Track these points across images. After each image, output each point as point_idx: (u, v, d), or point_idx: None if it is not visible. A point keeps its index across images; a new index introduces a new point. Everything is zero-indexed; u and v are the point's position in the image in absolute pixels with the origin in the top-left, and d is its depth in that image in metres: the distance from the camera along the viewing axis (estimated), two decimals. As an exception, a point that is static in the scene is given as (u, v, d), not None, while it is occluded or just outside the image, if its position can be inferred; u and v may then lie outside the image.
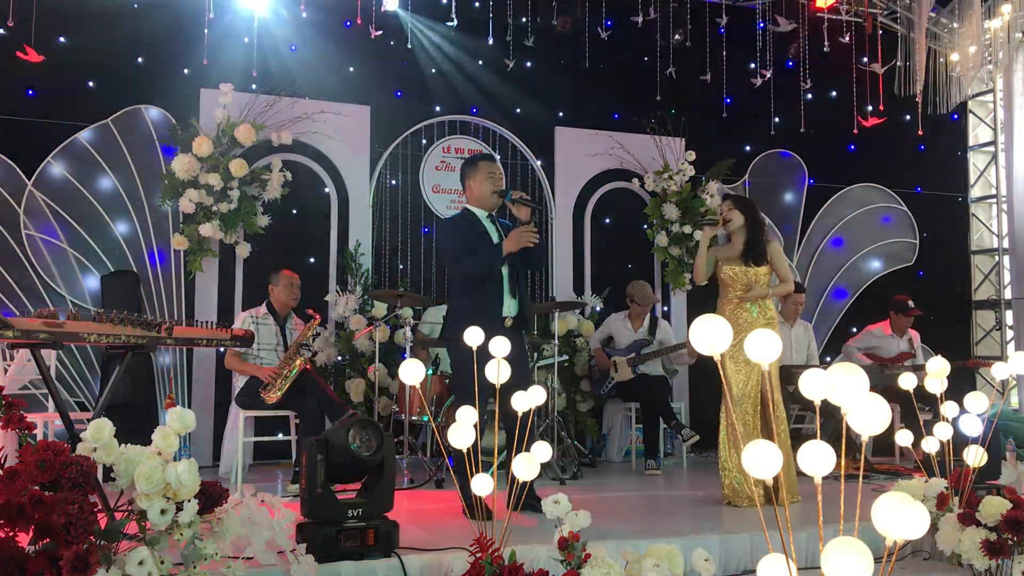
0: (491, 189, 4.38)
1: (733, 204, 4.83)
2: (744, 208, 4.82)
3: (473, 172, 4.41)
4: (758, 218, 4.84)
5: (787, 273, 4.83)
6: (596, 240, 7.50)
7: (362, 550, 3.11)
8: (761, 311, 4.72)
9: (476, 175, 4.39)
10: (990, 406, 3.47)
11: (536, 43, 7.11)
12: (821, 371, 1.77)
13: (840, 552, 1.60)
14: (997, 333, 8.72)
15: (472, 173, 4.41)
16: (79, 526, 2.23)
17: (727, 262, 4.80)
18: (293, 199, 6.52)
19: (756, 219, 4.81)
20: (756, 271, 4.72)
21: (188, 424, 2.64)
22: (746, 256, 4.74)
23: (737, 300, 4.73)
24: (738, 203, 4.84)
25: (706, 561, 2.85)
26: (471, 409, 2.89)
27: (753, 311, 4.71)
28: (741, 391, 4.65)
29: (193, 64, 6.37)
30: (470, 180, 4.41)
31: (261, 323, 5.48)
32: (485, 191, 4.38)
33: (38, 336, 3.14)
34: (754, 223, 4.79)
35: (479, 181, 4.38)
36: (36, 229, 6.01)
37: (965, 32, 7.90)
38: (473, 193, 4.42)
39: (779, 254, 4.83)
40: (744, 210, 4.81)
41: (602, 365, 6.56)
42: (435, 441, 6.16)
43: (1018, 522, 3.19)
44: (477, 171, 4.40)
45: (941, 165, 8.82)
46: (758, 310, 4.72)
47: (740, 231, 4.81)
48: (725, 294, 4.83)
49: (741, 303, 4.73)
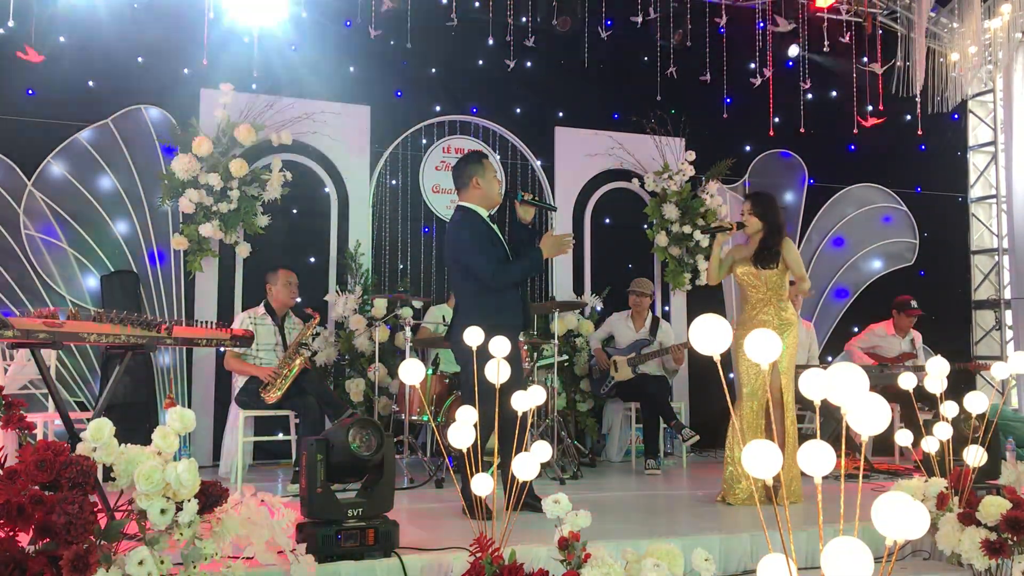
0: (498, 189, 4.36)
1: (752, 208, 4.79)
2: (762, 213, 4.75)
3: (481, 170, 4.28)
4: (776, 222, 4.76)
5: (802, 272, 4.78)
6: (596, 240, 7.50)
7: (362, 550, 3.11)
8: (776, 312, 4.69)
9: (485, 173, 4.28)
10: (990, 406, 3.47)
11: (536, 43, 7.11)
12: (821, 371, 1.77)
13: (840, 552, 1.60)
14: (997, 333, 8.71)
15: (480, 171, 4.28)
16: (79, 526, 2.23)
17: (741, 263, 4.80)
18: (293, 199, 6.52)
19: (774, 223, 4.75)
20: (766, 274, 4.71)
21: (188, 424, 2.64)
22: (755, 259, 4.72)
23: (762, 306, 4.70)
24: (757, 207, 4.78)
25: (706, 561, 2.85)
26: (471, 409, 2.89)
27: (768, 312, 4.70)
28: (751, 389, 4.65)
29: (193, 64, 6.36)
30: (478, 177, 4.26)
31: (259, 323, 5.48)
32: (493, 191, 4.32)
33: (38, 336, 3.14)
34: (771, 227, 4.73)
35: (489, 180, 4.29)
36: (36, 229, 6.01)
37: (965, 32, 7.90)
38: (480, 191, 4.28)
39: (792, 252, 4.75)
40: (762, 215, 4.75)
41: (602, 364, 6.56)
42: (435, 441, 6.16)
43: (1018, 522, 3.19)
44: (485, 170, 4.29)
45: (941, 165, 8.81)
46: (773, 311, 4.69)
47: (757, 235, 4.79)
48: (743, 295, 4.84)
49: (757, 304, 4.72)
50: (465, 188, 4.32)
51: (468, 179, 4.29)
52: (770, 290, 4.70)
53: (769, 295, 4.71)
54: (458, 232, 4.28)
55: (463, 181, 4.32)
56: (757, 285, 4.72)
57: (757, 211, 4.76)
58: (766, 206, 4.78)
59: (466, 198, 4.32)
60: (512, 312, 4.20)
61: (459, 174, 4.34)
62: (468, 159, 4.37)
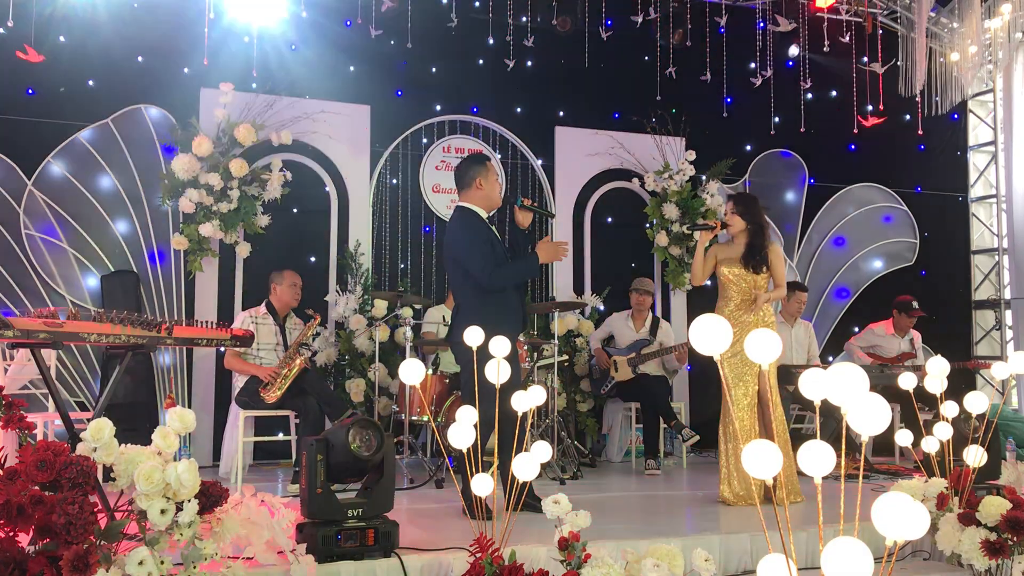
0: (499, 191, 4.40)
1: (734, 208, 4.79)
2: (744, 212, 4.76)
3: (484, 172, 4.30)
4: (760, 221, 4.77)
5: (783, 278, 4.80)
6: (596, 240, 7.50)
7: (362, 550, 3.11)
8: (757, 315, 4.71)
9: (488, 175, 4.31)
10: (990, 406, 3.47)
11: (536, 43, 7.11)
12: (821, 371, 1.77)
13: (840, 552, 1.60)
14: (997, 333, 8.71)
15: (484, 172, 4.30)
16: (79, 526, 2.23)
17: (727, 263, 4.79)
18: (293, 199, 6.52)
19: (758, 223, 4.76)
20: (755, 278, 4.71)
21: (188, 424, 2.64)
22: (746, 261, 4.73)
23: (745, 307, 4.72)
24: (739, 206, 4.79)
25: (706, 561, 2.85)
26: (471, 409, 2.89)
27: (748, 315, 4.70)
28: (736, 388, 4.65)
29: (193, 64, 6.36)
30: (481, 178, 4.28)
31: (261, 323, 5.48)
32: (495, 193, 4.35)
33: (38, 336, 3.14)
34: (756, 227, 4.75)
35: (492, 182, 4.32)
36: (36, 229, 6.01)
37: (965, 32, 7.90)
38: (482, 192, 4.30)
39: (778, 258, 4.79)
40: (744, 214, 4.76)
41: (603, 363, 6.55)
42: (435, 441, 6.16)
43: (1018, 522, 3.19)
44: (488, 171, 4.32)
45: (941, 165, 8.81)
46: (753, 314, 4.71)
47: (741, 234, 4.79)
48: (724, 294, 4.82)
49: (740, 304, 4.73)
50: (467, 188, 4.32)
51: (471, 180, 4.30)
52: (755, 292, 4.71)
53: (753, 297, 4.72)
54: (456, 233, 4.30)
55: (466, 181, 4.32)
56: (743, 287, 4.73)
57: (739, 210, 4.77)
58: (748, 205, 4.80)
59: (467, 198, 4.33)
60: (512, 314, 4.21)
61: (462, 174, 4.35)
62: (472, 160, 4.40)
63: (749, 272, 4.71)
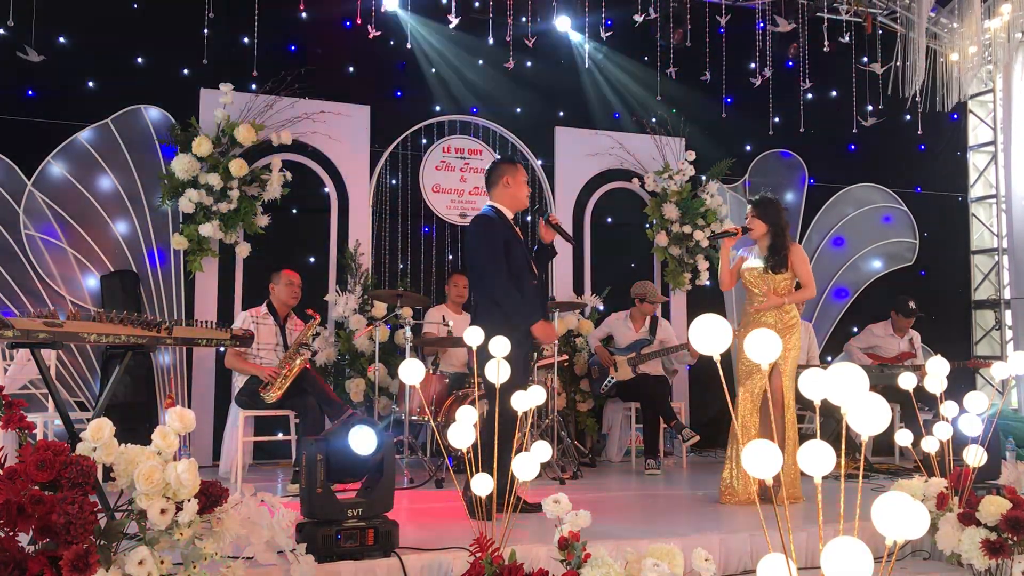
0: (526, 193, 4.49)
1: (754, 212, 4.82)
2: (765, 215, 4.79)
3: (513, 171, 4.42)
4: (781, 223, 4.80)
5: (809, 277, 4.80)
6: (596, 240, 7.50)
7: (362, 550, 3.11)
8: (778, 315, 4.73)
9: (517, 175, 4.42)
10: (990, 406, 3.47)
11: (536, 43, 7.11)
12: (821, 371, 1.77)
13: (840, 552, 1.60)
14: (997, 333, 8.71)
15: (512, 172, 4.41)
16: (79, 526, 2.23)
17: (748, 265, 4.83)
18: (293, 199, 6.52)
19: (779, 225, 4.79)
20: (775, 278, 4.74)
21: (188, 424, 2.64)
22: (766, 262, 4.76)
23: (752, 311, 4.74)
24: (759, 210, 4.81)
25: (706, 561, 2.85)
26: (471, 409, 2.89)
27: (772, 314, 4.73)
28: (748, 389, 4.67)
29: (193, 64, 6.36)
30: (509, 177, 4.38)
31: (261, 323, 5.48)
32: (522, 194, 4.45)
33: (38, 336, 3.14)
34: (777, 229, 4.78)
35: (519, 182, 4.42)
36: (36, 229, 6.01)
37: (965, 32, 7.89)
38: (509, 191, 4.39)
39: (801, 259, 4.79)
40: (765, 217, 4.78)
41: (604, 360, 6.54)
42: (435, 441, 6.16)
43: (1018, 522, 3.19)
44: (517, 172, 4.44)
45: (941, 165, 8.82)
46: (776, 313, 4.73)
47: (764, 237, 4.81)
48: (748, 295, 4.88)
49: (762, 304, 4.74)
50: (495, 187, 4.43)
51: (499, 177, 4.41)
52: (776, 293, 4.72)
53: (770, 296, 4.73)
54: (471, 241, 4.37)
55: (494, 180, 4.44)
56: (764, 288, 4.75)
57: (759, 213, 4.79)
58: (768, 208, 4.82)
59: (495, 197, 4.43)
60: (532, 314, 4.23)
61: (491, 172, 4.48)
62: (503, 160, 4.58)
63: (768, 273, 4.75)
